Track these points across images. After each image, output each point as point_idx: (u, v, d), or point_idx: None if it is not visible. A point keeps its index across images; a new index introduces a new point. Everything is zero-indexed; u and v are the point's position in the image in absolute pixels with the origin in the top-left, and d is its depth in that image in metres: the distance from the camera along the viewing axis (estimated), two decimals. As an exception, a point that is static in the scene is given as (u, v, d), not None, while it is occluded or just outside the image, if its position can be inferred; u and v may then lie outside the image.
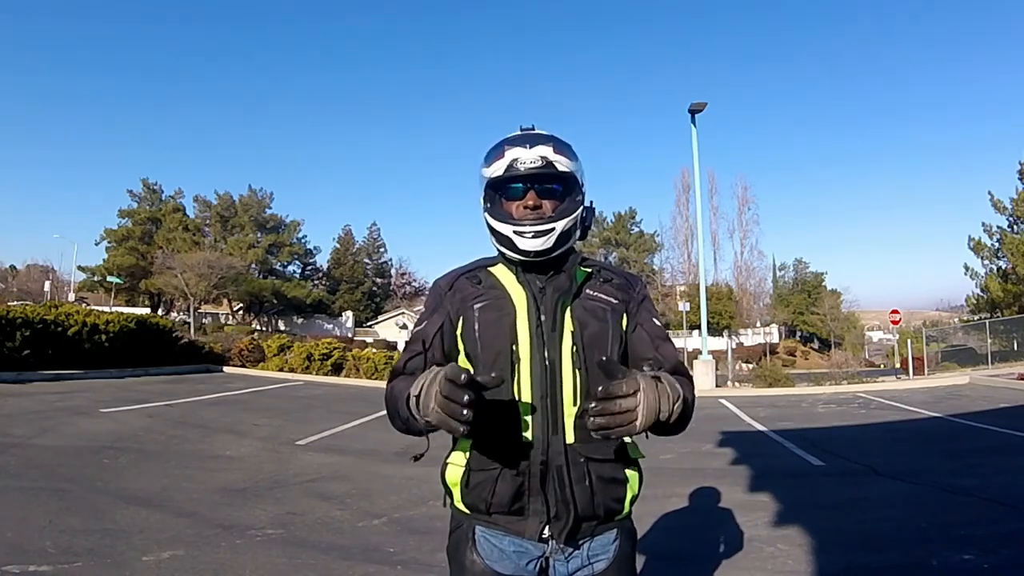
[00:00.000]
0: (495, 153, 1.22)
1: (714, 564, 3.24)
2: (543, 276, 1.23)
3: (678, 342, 35.65)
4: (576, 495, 1.14)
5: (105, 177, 70.35)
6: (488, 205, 1.25)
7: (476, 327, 1.21)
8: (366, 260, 51.58)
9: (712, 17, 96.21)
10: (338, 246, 50.17)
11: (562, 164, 1.20)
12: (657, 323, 1.29)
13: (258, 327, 39.42)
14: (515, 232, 1.19)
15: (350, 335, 39.99)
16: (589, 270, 1.27)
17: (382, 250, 52.99)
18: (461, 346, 1.24)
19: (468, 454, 1.19)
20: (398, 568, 3.13)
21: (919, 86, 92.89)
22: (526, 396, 1.15)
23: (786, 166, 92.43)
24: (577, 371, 1.16)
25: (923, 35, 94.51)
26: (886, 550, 3.44)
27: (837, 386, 14.57)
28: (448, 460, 1.24)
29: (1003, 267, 25.55)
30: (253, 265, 42.79)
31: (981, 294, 26.68)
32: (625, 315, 1.25)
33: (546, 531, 1.15)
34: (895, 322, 23.40)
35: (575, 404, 1.16)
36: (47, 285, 38.62)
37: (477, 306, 1.22)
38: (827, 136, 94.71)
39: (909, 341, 20.14)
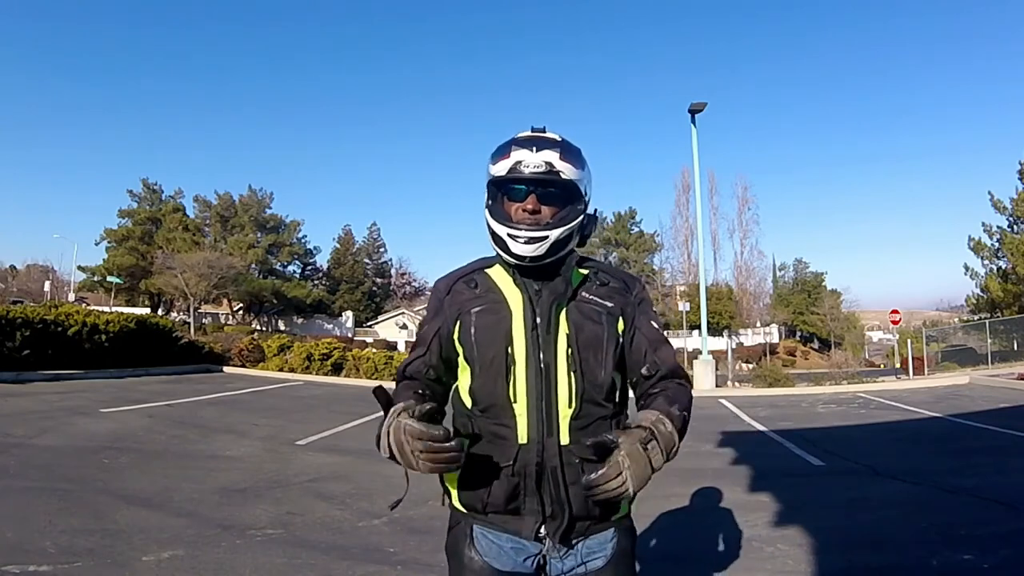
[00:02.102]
0: (502, 152, 1.22)
1: (714, 564, 3.23)
2: (539, 278, 1.23)
3: (678, 342, 35.65)
4: (571, 496, 1.15)
5: (105, 177, 70.40)
6: (490, 203, 1.26)
7: (473, 331, 1.21)
8: (366, 260, 51.56)
9: (712, 17, 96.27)
10: (338, 246, 50.15)
11: (566, 172, 1.19)
12: (655, 326, 1.29)
13: (258, 327, 39.43)
14: (509, 235, 1.19)
15: (350, 335, 40.00)
16: (585, 272, 1.27)
17: (382, 250, 53.02)
18: (460, 350, 1.24)
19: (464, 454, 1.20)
20: (398, 568, 3.12)
21: (919, 86, 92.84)
22: (521, 398, 1.17)
23: (786, 166, 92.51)
24: (572, 374, 1.17)
25: (923, 35, 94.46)
26: (886, 550, 3.44)
27: (837, 386, 14.57)
28: None
29: (1003, 267, 25.56)
30: (253, 265, 42.78)
31: (981, 294, 26.68)
32: (622, 318, 1.25)
33: (542, 530, 1.17)
34: (895, 322, 23.43)
35: (570, 406, 1.17)
36: (47, 285, 38.64)
37: (474, 310, 1.23)
38: (827, 136, 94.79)
39: (909, 341, 20.18)
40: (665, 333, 1.33)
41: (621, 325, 1.25)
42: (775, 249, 54.99)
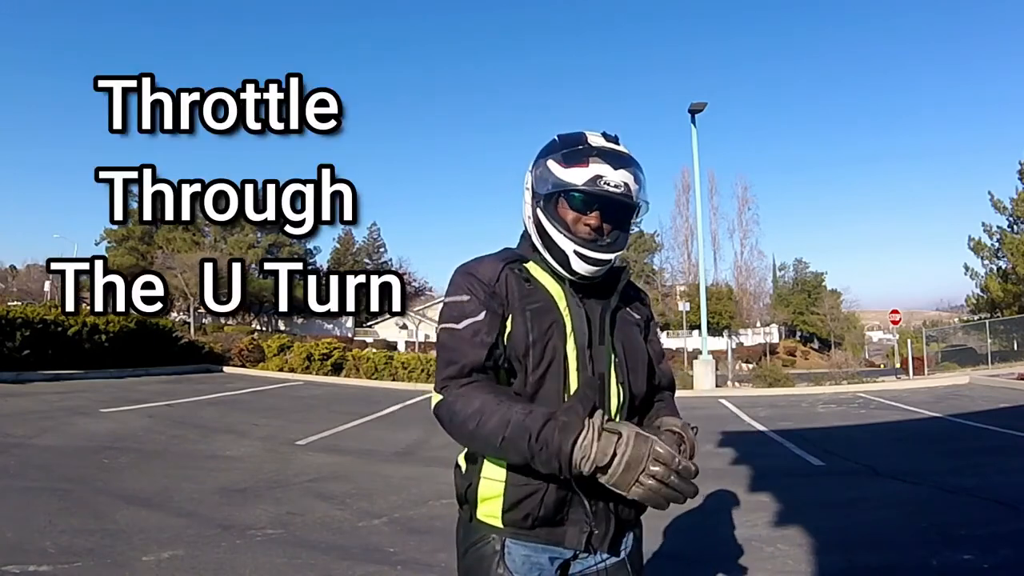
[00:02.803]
0: (577, 159, 1.14)
1: (714, 564, 3.23)
2: (584, 286, 1.20)
3: (678, 342, 35.66)
4: (618, 503, 1.15)
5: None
6: (542, 203, 1.18)
7: (533, 330, 1.13)
8: (366, 260, 51.55)
9: (712, 17, 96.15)
10: (338, 246, 50.16)
11: (636, 195, 1.16)
12: (660, 340, 1.38)
13: (258, 327, 39.41)
14: (576, 252, 1.14)
15: (350, 335, 39.97)
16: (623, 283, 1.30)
17: (382, 250, 52.98)
18: (503, 347, 1.14)
19: (506, 468, 1.13)
20: (398, 568, 3.12)
21: (919, 86, 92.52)
22: None
23: (786, 166, 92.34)
24: (620, 384, 1.17)
25: (923, 35, 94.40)
26: (886, 550, 3.44)
27: (837, 386, 14.57)
28: (482, 475, 1.16)
29: (1003, 267, 25.57)
30: (253, 265, 42.78)
31: (981, 294, 26.70)
32: (645, 330, 1.31)
33: (592, 539, 1.15)
34: (895, 322, 23.46)
35: (616, 416, 1.17)
36: (47, 285, 38.60)
37: (530, 307, 1.15)
38: (827, 136, 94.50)
39: (909, 341, 20.19)
40: (664, 335, 1.36)
41: (644, 336, 1.31)
42: (775, 249, 55.11)
